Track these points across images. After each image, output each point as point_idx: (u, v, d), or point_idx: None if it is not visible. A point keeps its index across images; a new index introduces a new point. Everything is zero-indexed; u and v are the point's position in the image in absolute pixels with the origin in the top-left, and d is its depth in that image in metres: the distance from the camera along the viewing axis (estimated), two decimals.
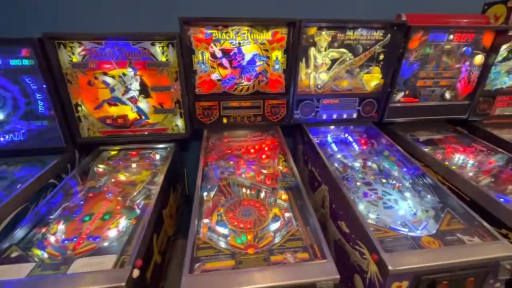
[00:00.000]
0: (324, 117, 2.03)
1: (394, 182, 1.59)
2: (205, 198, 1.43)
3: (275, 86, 1.89)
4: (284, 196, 1.43)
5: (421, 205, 1.38)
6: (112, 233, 1.22)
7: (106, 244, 1.16)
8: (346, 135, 2.06)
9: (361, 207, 1.38)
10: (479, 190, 1.43)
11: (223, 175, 1.58)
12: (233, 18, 1.65)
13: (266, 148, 1.84)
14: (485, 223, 1.18)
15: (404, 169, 1.66)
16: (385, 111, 2.05)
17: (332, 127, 2.14)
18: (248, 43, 1.75)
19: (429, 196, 1.42)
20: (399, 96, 2.03)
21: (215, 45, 1.72)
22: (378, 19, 1.78)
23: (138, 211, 1.37)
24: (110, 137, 1.84)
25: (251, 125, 1.99)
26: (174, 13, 1.60)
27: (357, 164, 1.76)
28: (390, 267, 0.98)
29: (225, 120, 1.93)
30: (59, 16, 1.77)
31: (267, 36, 1.74)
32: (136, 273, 1.00)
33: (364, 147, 1.98)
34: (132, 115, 1.81)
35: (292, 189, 1.49)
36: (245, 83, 1.86)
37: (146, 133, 1.86)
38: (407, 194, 1.47)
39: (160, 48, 1.67)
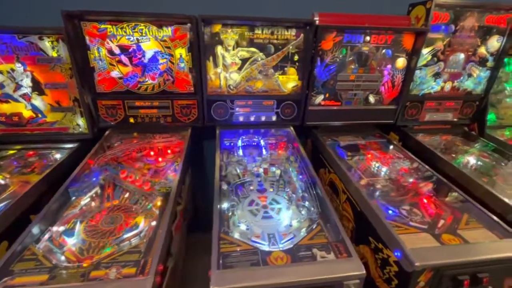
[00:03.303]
0: (241, 119, 1.94)
1: (288, 190, 1.50)
2: (73, 202, 1.34)
3: (182, 85, 1.80)
4: (159, 203, 1.35)
5: (299, 216, 1.30)
6: None
7: None
8: (260, 138, 1.97)
9: (236, 216, 1.29)
10: (366, 201, 1.35)
11: (109, 178, 1.49)
12: (124, 13, 1.56)
13: (169, 151, 1.76)
14: (346, 239, 1.10)
15: (300, 177, 1.57)
16: (305, 115, 1.97)
17: (251, 130, 2.04)
18: (148, 40, 1.66)
19: (307, 203, 1.34)
20: (319, 99, 1.94)
21: (111, 41, 1.63)
22: (284, 18, 1.69)
23: None
24: (5, 136, 1.75)
25: (162, 126, 1.90)
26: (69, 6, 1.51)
27: (261, 170, 1.68)
28: (211, 286, 0.90)
29: (132, 120, 1.84)
30: None
31: (167, 32, 1.65)
32: None
33: (280, 152, 1.90)
34: (27, 113, 1.72)
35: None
36: (150, 81, 1.76)
37: (44, 132, 1.77)
38: (292, 204, 1.38)
39: (50, 43, 1.58)
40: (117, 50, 1.66)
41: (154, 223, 1.24)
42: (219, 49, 1.73)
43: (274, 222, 1.28)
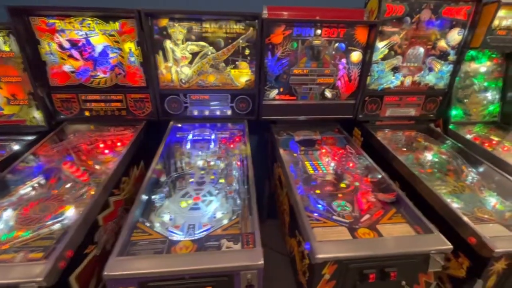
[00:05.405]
0: (196, 113, 1.96)
1: (225, 183, 1.51)
2: (11, 191, 1.40)
3: (134, 79, 1.83)
4: (92, 192, 1.39)
5: (225, 208, 1.31)
6: None
7: None
8: (213, 132, 1.98)
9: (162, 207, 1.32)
10: (293, 193, 1.35)
11: (53, 169, 1.54)
12: (69, 8, 1.59)
13: (119, 144, 1.79)
14: (257, 231, 1.10)
15: (239, 171, 1.58)
16: (260, 109, 1.97)
17: (208, 124, 2.06)
18: (96, 34, 1.69)
19: (235, 196, 1.35)
20: (273, 93, 1.94)
21: (60, 35, 1.67)
22: (231, 11, 1.69)
23: None
24: None
25: (118, 119, 1.94)
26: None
27: (206, 163, 1.69)
28: (105, 272, 0.93)
29: (87, 113, 1.89)
30: None
31: (115, 27, 1.68)
32: None
33: (232, 146, 1.90)
34: None
35: None
36: (101, 75, 1.80)
37: (2, 124, 1.84)
38: (223, 196, 1.40)
39: (1, 37, 1.64)
40: (67, 45, 1.70)
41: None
42: (168, 43, 1.75)
43: (200, 214, 1.30)
